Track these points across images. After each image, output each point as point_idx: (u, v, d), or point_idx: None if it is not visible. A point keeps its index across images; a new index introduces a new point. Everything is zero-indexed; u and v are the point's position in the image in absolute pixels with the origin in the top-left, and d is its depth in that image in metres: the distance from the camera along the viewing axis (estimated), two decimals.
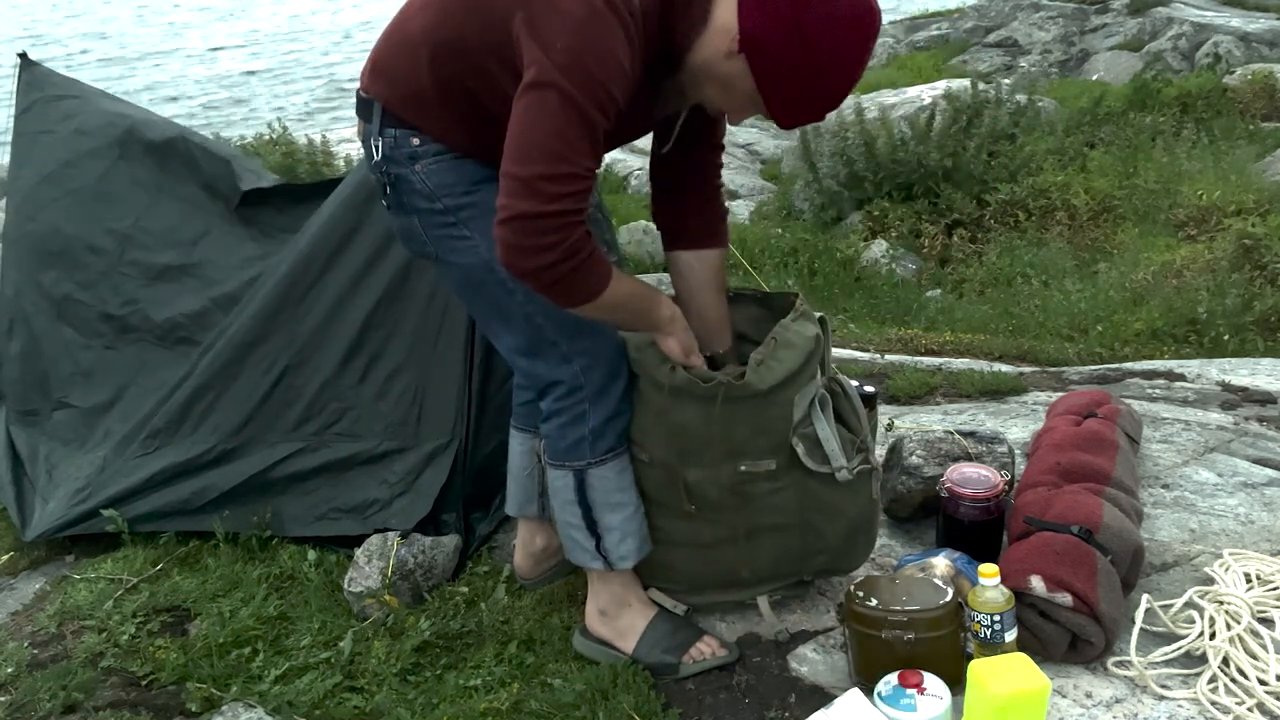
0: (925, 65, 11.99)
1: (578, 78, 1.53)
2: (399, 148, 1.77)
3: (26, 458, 2.99)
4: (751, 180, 9.13)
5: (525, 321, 1.84)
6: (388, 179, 1.80)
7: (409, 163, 1.77)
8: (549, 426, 1.94)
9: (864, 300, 6.01)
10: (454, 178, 1.78)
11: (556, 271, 1.59)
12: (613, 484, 1.95)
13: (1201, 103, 8.47)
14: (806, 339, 1.89)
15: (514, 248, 1.58)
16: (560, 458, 1.94)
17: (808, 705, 1.86)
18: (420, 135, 1.76)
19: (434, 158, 1.77)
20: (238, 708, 2.03)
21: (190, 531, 2.66)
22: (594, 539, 1.98)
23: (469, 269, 1.83)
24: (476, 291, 1.86)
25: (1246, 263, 5.42)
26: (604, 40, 1.54)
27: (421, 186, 1.78)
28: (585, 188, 1.58)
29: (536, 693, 1.99)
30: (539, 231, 1.56)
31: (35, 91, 3.41)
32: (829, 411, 1.95)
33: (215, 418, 2.72)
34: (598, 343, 1.88)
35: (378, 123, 1.77)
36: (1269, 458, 2.64)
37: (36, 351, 3.12)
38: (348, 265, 2.71)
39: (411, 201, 1.80)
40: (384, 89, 1.77)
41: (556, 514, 2.02)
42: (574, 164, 1.56)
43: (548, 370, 1.88)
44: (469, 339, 2.55)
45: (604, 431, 1.91)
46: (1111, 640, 1.86)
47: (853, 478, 1.94)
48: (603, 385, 1.89)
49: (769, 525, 1.97)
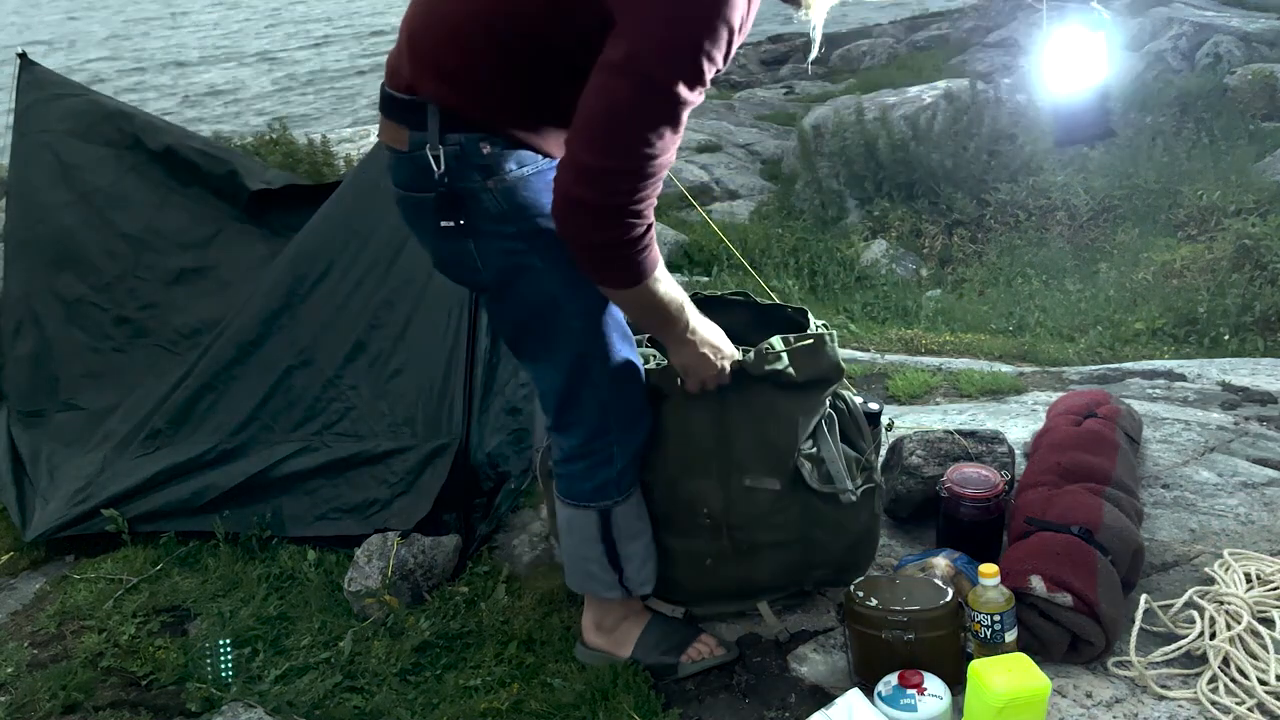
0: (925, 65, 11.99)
1: (676, 61, 1.37)
2: (467, 158, 1.55)
3: (28, 458, 2.99)
4: (751, 180, 9.13)
5: (575, 362, 1.72)
6: (447, 196, 1.57)
7: (480, 177, 1.56)
8: (571, 467, 1.84)
9: (864, 300, 6.01)
10: (533, 197, 1.59)
11: (605, 251, 1.50)
12: (635, 514, 1.90)
13: (1201, 103, 8.46)
14: (836, 363, 1.90)
15: (569, 223, 1.48)
16: (584, 499, 1.85)
17: (808, 705, 1.86)
18: (490, 140, 1.55)
19: (512, 172, 1.57)
20: (237, 708, 2.03)
21: (190, 531, 2.66)
22: (616, 573, 1.92)
23: (530, 302, 1.67)
24: (529, 324, 1.71)
25: (1246, 263, 5.42)
26: (715, 4, 1.35)
27: (493, 206, 1.58)
28: (656, 178, 1.45)
29: (536, 693, 1.99)
30: (595, 221, 1.46)
31: (35, 91, 3.42)
32: (835, 431, 1.95)
33: (216, 418, 2.72)
34: (635, 385, 1.80)
35: (435, 129, 1.54)
36: (1269, 458, 2.64)
37: (47, 354, 3.13)
38: (349, 266, 2.71)
39: (475, 223, 1.59)
40: (438, 86, 1.54)
41: (569, 548, 1.96)
42: (650, 159, 1.42)
43: (579, 412, 1.78)
44: (469, 339, 2.55)
45: (629, 470, 1.85)
46: (1111, 640, 1.86)
47: (857, 499, 1.93)
48: (630, 426, 1.82)
49: (770, 542, 1.97)
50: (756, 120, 10.87)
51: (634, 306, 1.65)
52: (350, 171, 3.07)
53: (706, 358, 1.77)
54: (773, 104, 11.82)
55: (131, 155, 3.30)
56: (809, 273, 6.53)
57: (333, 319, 2.70)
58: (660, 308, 1.64)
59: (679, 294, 1.67)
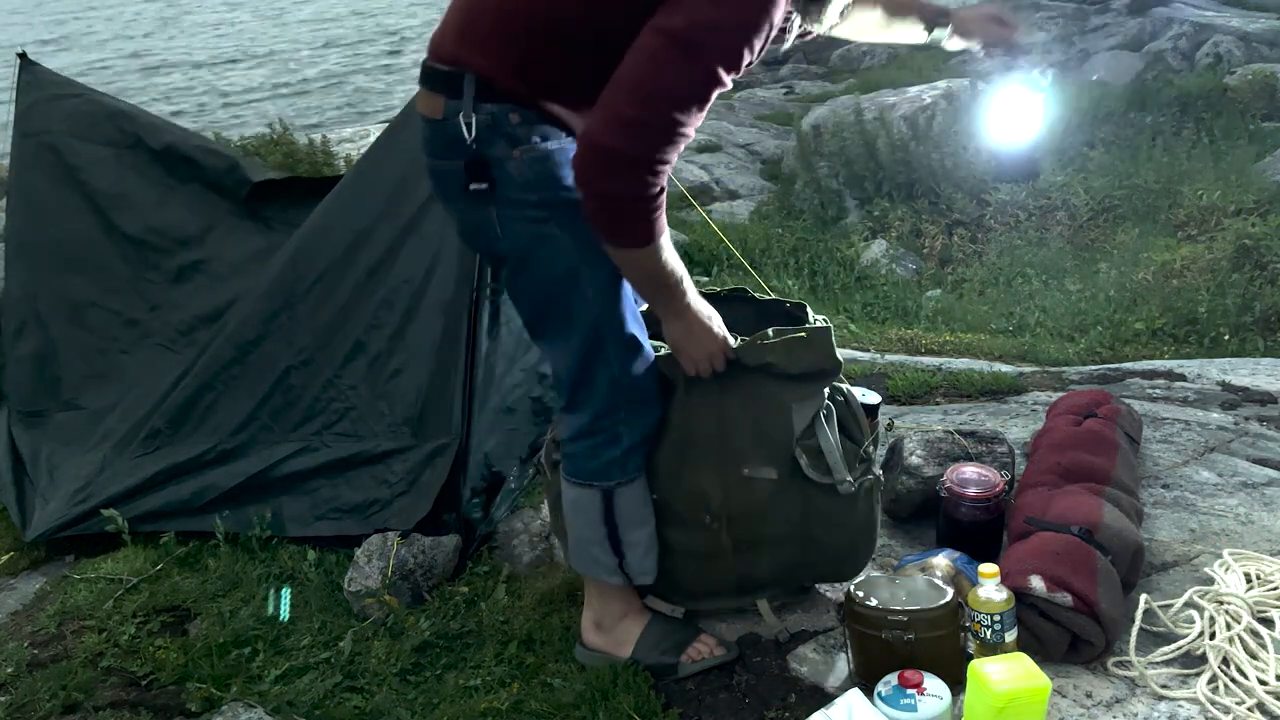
0: (925, 65, 11.97)
1: (723, 38, 1.50)
2: (497, 127, 1.64)
3: (28, 458, 2.99)
4: (751, 180, 9.12)
5: (590, 335, 1.77)
6: (475, 164, 1.66)
7: (507, 146, 1.65)
8: (578, 445, 1.88)
9: (864, 300, 6.01)
10: (555, 170, 1.67)
11: (619, 203, 1.58)
12: (639, 499, 1.92)
13: (1201, 103, 8.46)
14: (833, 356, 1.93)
15: (590, 168, 1.56)
16: (589, 478, 1.89)
17: (808, 705, 1.86)
18: (521, 112, 1.64)
19: (538, 145, 1.66)
20: (238, 708, 2.03)
21: (190, 531, 2.66)
22: (617, 557, 1.94)
23: (547, 273, 1.74)
24: (547, 295, 1.78)
25: (1246, 263, 5.42)
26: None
27: (518, 175, 1.66)
28: (679, 146, 1.57)
29: (536, 693, 1.99)
30: (613, 169, 1.54)
31: (35, 91, 3.42)
32: (833, 423, 1.95)
33: (216, 417, 2.72)
34: (647, 366, 1.84)
35: (470, 98, 1.63)
36: (1269, 458, 2.64)
37: (51, 355, 3.13)
38: (349, 266, 2.71)
39: (499, 190, 1.68)
40: (479, 56, 1.64)
41: (573, 530, 1.98)
42: (681, 124, 1.54)
43: (590, 389, 1.82)
44: (469, 339, 2.55)
45: (635, 453, 1.88)
46: (1111, 640, 1.86)
47: (854, 490, 1.94)
48: (639, 409, 1.85)
49: (769, 535, 1.97)
50: (756, 120, 10.86)
51: (638, 271, 1.71)
52: (350, 170, 3.07)
53: (700, 336, 1.82)
54: (772, 104, 11.81)
55: (132, 155, 3.30)
56: (809, 273, 6.52)
57: (332, 319, 2.70)
58: (663, 276, 1.71)
59: (681, 269, 1.74)
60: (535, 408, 2.75)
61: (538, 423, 2.74)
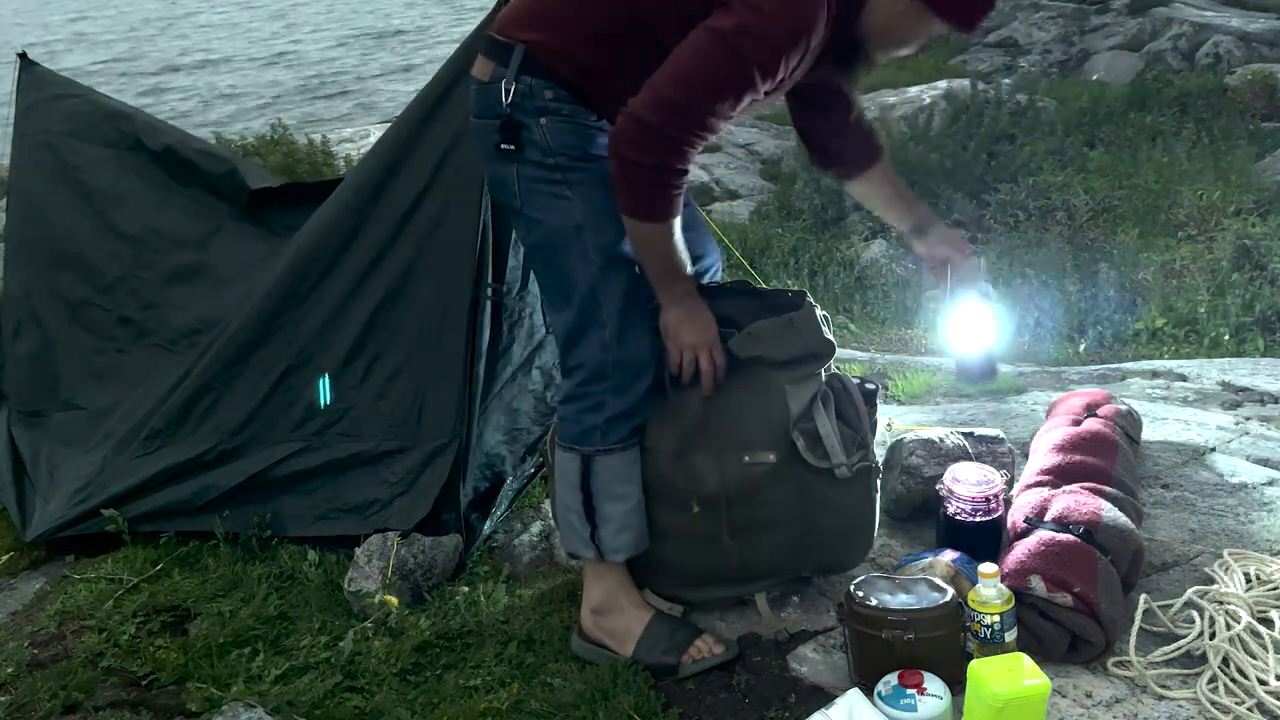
0: (925, 65, 11.98)
1: (765, 46, 1.65)
2: (531, 97, 1.81)
3: (28, 458, 2.99)
4: (751, 180, 9.13)
5: (588, 295, 1.88)
6: (508, 125, 1.82)
7: (535, 115, 1.82)
8: (567, 408, 1.97)
9: (864, 300, 6.01)
10: (576, 140, 1.84)
11: (644, 174, 1.73)
12: (619, 474, 1.96)
13: (1201, 103, 8.46)
14: (822, 338, 1.99)
15: (623, 137, 1.71)
16: (571, 441, 1.97)
17: (808, 705, 1.86)
18: (555, 89, 1.81)
19: (563, 118, 1.83)
20: (238, 708, 2.03)
21: (190, 531, 2.65)
22: (590, 527, 1.99)
23: (555, 229, 1.88)
24: (553, 253, 1.90)
25: (1246, 263, 5.42)
26: (806, 9, 1.66)
27: (540, 141, 1.83)
28: (704, 133, 1.73)
29: (536, 693, 1.99)
30: (645, 141, 1.69)
31: (35, 91, 3.42)
32: (830, 408, 1.97)
33: (216, 417, 2.72)
34: (640, 338, 1.91)
35: (514, 68, 1.81)
36: (1269, 458, 2.64)
37: (48, 354, 3.13)
38: (349, 266, 2.70)
39: (525, 153, 1.84)
40: (534, 33, 1.82)
41: (558, 496, 2.04)
42: (710, 112, 1.70)
43: (583, 350, 1.91)
44: (469, 339, 2.55)
45: (617, 423, 1.93)
46: (1111, 640, 1.86)
47: (852, 474, 1.95)
48: (628, 381, 1.91)
49: (767, 520, 1.98)
50: (756, 120, 10.85)
51: (646, 245, 1.83)
52: (350, 170, 3.07)
53: (694, 325, 1.90)
54: (772, 104, 11.82)
55: (132, 156, 3.29)
56: (809, 273, 6.53)
57: (333, 319, 2.69)
58: (669, 255, 1.84)
59: (687, 260, 1.87)
60: (536, 407, 2.75)
61: (539, 422, 2.74)
